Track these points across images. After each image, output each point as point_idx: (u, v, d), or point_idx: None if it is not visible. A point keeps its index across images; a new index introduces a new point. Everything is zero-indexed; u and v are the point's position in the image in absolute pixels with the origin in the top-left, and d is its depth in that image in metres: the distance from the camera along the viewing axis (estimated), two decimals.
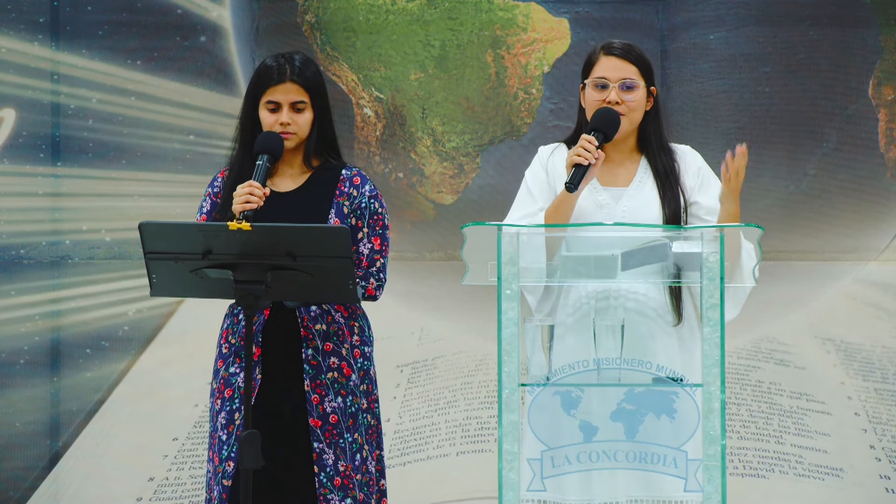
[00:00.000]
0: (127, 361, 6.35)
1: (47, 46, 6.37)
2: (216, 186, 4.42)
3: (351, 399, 4.32)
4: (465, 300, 6.24)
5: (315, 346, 4.30)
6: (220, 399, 4.34)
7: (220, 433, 4.31)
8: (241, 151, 4.39)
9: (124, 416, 6.33)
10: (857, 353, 6.31)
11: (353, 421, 4.31)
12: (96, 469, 6.29)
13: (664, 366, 3.83)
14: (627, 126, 4.20)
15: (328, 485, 4.27)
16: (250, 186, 4.16)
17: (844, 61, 6.33)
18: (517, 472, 3.73)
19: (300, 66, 4.35)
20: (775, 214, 6.22)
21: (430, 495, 6.19)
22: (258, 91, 4.35)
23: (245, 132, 4.38)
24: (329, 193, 4.37)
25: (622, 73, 4.20)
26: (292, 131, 4.32)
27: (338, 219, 4.34)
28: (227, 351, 4.36)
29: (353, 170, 4.41)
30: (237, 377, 4.32)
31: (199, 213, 4.42)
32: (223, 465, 4.28)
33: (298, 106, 4.33)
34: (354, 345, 4.35)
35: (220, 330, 4.42)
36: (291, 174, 4.39)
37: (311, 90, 4.35)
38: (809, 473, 6.19)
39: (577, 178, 4.03)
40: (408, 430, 6.28)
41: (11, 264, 6.35)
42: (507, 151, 6.30)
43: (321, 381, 4.30)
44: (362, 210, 4.37)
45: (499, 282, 3.74)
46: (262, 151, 4.25)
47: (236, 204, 4.16)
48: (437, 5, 6.33)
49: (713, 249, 3.73)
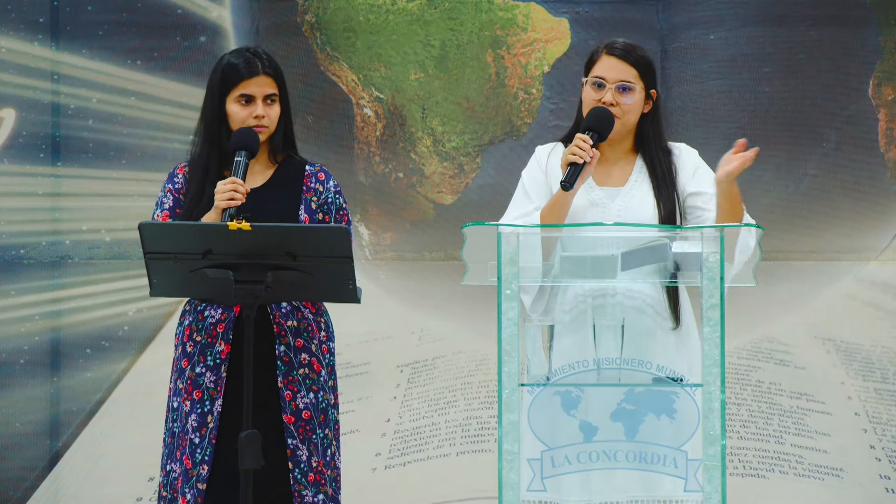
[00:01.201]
0: (127, 361, 6.35)
1: (47, 46, 6.36)
2: (177, 182, 4.40)
3: (322, 395, 4.34)
4: (465, 300, 6.24)
5: (287, 342, 4.31)
6: (188, 400, 4.32)
7: (191, 435, 4.30)
8: (205, 147, 4.37)
9: (124, 416, 6.33)
10: (857, 353, 6.31)
11: (325, 416, 4.34)
12: (96, 469, 6.29)
13: (663, 364, 3.83)
14: (620, 127, 4.20)
15: (302, 480, 4.28)
16: (234, 183, 4.16)
17: (844, 61, 6.32)
18: (517, 472, 3.73)
19: (268, 59, 4.37)
20: (775, 214, 6.22)
21: (430, 495, 6.19)
22: (226, 87, 4.35)
23: (210, 128, 4.37)
24: (296, 189, 4.38)
25: (620, 74, 4.20)
26: (265, 124, 4.33)
27: (307, 215, 4.36)
28: (192, 349, 4.34)
29: (316, 166, 4.44)
30: (204, 377, 4.31)
31: (160, 208, 4.39)
32: (197, 468, 4.28)
33: (271, 98, 4.35)
34: (322, 340, 4.38)
35: (179, 327, 4.41)
36: (257, 169, 4.39)
37: (280, 83, 4.37)
38: (809, 473, 6.19)
39: (573, 177, 4.04)
40: (408, 430, 6.28)
41: (11, 264, 6.35)
42: (507, 151, 6.30)
43: (293, 378, 4.31)
44: (329, 205, 4.40)
45: (499, 282, 3.74)
46: (239, 148, 4.26)
47: (220, 201, 4.15)
48: (437, 5, 6.33)
49: (713, 249, 3.73)
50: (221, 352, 4.29)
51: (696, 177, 4.23)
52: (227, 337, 4.30)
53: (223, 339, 4.29)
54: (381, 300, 6.35)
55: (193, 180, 4.34)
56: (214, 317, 4.32)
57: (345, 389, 6.35)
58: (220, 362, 4.29)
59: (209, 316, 4.32)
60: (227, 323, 4.30)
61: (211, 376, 4.30)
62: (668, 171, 4.22)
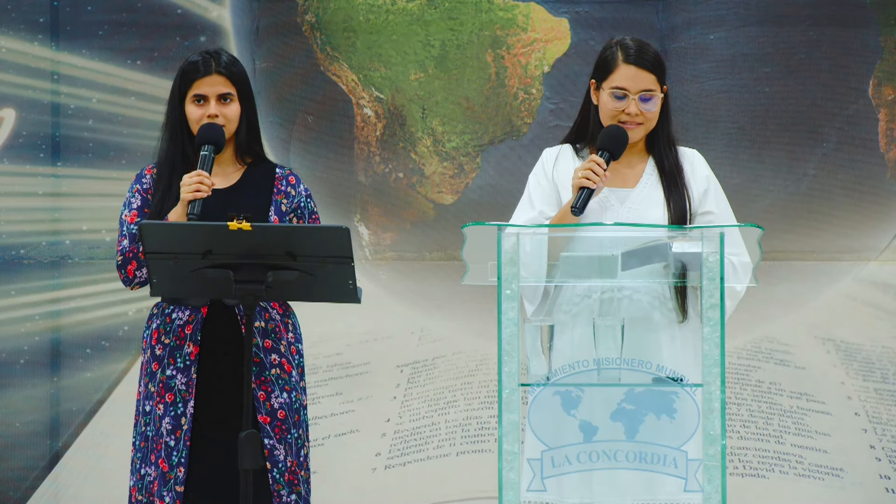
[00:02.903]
0: (127, 361, 6.35)
1: (47, 46, 6.36)
2: (145, 182, 4.42)
3: (294, 395, 4.35)
4: (465, 300, 6.24)
5: (256, 343, 4.31)
6: (161, 403, 4.31)
7: (166, 438, 4.29)
8: (171, 148, 4.39)
9: (124, 416, 6.31)
10: (857, 353, 6.31)
11: (298, 417, 4.35)
12: (96, 469, 6.29)
13: (667, 364, 3.83)
14: (642, 133, 4.19)
15: (280, 480, 4.29)
16: (199, 175, 4.17)
17: (844, 61, 6.32)
18: (517, 472, 3.73)
19: (226, 59, 4.38)
20: (775, 214, 6.22)
21: (430, 495, 6.19)
22: (184, 87, 4.36)
23: (174, 129, 4.39)
24: (266, 191, 4.39)
25: (642, 83, 4.16)
26: (221, 123, 4.33)
27: (276, 217, 4.37)
28: (162, 352, 4.34)
29: (286, 169, 4.46)
30: (175, 379, 4.31)
31: (128, 208, 4.40)
32: (174, 471, 4.27)
33: (226, 97, 4.35)
34: (290, 341, 4.39)
35: (146, 331, 4.40)
36: (225, 171, 4.40)
37: (236, 82, 4.37)
38: (809, 473, 6.19)
39: (584, 202, 4.03)
40: (408, 430, 6.28)
41: (11, 264, 6.35)
42: (507, 151, 6.30)
43: (266, 378, 4.31)
44: (301, 209, 4.42)
45: (499, 282, 3.73)
46: (204, 142, 4.26)
47: (185, 193, 4.17)
48: (437, 5, 6.33)
49: (713, 249, 3.73)
50: (190, 353, 4.29)
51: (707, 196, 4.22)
52: (196, 338, 4.30)
53: (191, 341, 4.30)
54: (381, 300, 6.35)
55: (161, 179, 4.36)
56: (182, 318, 4.32)
57: (345, 389, 6.37)
58: (190, 363, 4.29)
59: (177, 318, 4.32)
60: (194, 324, 4.31)
61: (182, 378, 4.30)
62: (677, 170, 4.21)
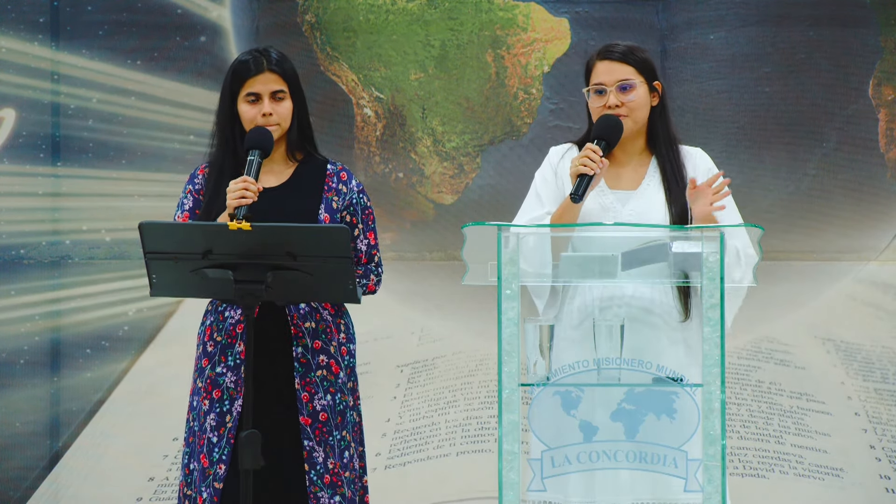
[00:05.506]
0: (127, 361, 6.35)
1: (47, 46, 6.37)
2: (197, 183, 4.41)
3: (339, 396, 4.34)
4: (465, 300, 6.24)
5: (305, 343, 4.30)
6: (207, 399, 4.32)
7: (209, 434, 4.30)
8: (221, 149, 4.39)
9: (124, 416, 6.33)
10: (857, 353, 6.31)
11: (342, 418, 4.33)
12: (96, 469, 6.29)
13: (670, 365, 3.83)
14: (632, 126, 4.19)
15: (318, 482, 4.28)
16: (245, 182, 4.16)
17: (844, 61, 6.33)
18: (517, 472, 3.73)
19: (277, 57, 4.37)
20: (775, 214, 6.22)
21: (430, 495, 6.19)
22: (235, 86, 4.36)
23: (224, 130, 4.38)
24: (317, 189, 4.37)
25: (617, 74, 4.19)
26: (275, 122, 4.32)
27: (327, 214, 4.34)
28: (213, 349, 4.34)
29: (337, 164, 4.43)
30: (224, 377, 4.31)
31: (180, 209, 4.40)
32: (214, 467, 4.27)
33: (278, 95, 4.35)
34: (341, 342, 4.37)
35: (201, 327, 4.41)
36: (276, 169, 4.39)
37: (288, 79, 4.37)
38: (809, 473, 6.19)
39: (582, 189, 4.03)
40: (408, 430, 6.28)
41: (11, 264, 6.35)
42: (507, 151, 6.30)
43: (311, 379, 4.31)
44: (354, 206, 4.39)
45: (499, 282, 3.74)
46: (252, 147, 4.26)
47: (231, 199, 4.15)
48: (437, 5, 6.33)
49: (713, 249, 3.73)
50: (241, 352, 4.29)
51: None
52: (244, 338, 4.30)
53: (242, 340, 4.29)
54: (381, 300, 6.34)
55: (210, 181, 4.35)
56: (234, 318, 4.32)
57: None
58: (240, 363, 4.29)
59: (229, 317, 4.33)
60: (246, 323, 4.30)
61: (232, 376, 4.30)
62: (678, 170, 4.21)
